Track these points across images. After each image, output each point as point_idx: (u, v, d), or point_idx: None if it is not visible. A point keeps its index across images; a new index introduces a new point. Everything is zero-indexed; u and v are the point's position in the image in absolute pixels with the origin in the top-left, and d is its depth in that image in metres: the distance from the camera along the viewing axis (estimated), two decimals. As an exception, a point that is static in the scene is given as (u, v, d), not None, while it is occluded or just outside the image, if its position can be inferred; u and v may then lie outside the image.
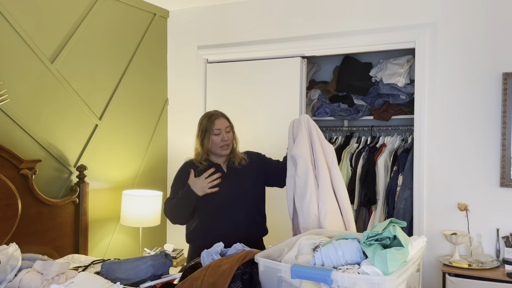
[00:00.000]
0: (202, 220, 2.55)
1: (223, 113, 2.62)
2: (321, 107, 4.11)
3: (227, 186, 2.51)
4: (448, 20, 3.18)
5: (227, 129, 2.57)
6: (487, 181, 3.07)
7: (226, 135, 2.55)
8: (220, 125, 2.54)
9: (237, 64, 3.93)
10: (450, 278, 2.88)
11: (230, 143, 2.58)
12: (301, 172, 2.32)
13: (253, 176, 2.59)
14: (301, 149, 2.35)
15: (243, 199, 2.54)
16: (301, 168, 2.33)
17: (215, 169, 2.52)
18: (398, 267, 1.56)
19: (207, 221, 2.53)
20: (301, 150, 2.34)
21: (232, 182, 2.55)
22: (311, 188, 2.30)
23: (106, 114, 3.57)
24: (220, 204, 2.51)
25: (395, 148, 3.66)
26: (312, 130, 2.42)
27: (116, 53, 3.67)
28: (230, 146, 2.58)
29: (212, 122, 2.54)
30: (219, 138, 2.53)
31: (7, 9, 2.87)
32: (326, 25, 3.57)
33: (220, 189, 2.48)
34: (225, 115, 2.62)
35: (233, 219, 2.50)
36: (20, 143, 2.94)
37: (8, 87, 2.87)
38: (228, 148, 2.57)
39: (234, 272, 1.75)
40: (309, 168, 2.32)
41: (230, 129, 2.59)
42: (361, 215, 3.65)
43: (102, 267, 2.23)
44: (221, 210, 2.51)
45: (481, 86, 3.09)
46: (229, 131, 2.58)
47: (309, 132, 2.41)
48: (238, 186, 2.54)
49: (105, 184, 3.58)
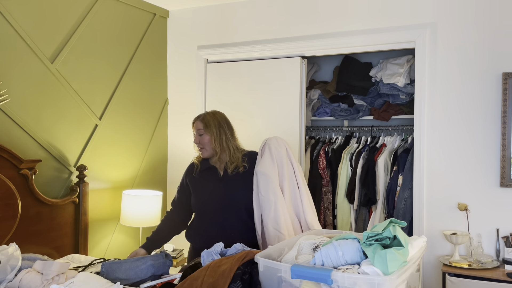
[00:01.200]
0: (195, 222, 2.61)
1: (202, 116, 2.58)
2: (321, 107, 4.11)
3: (220, 191, 2.52)
4: (448, 20, 3.18)
5: (199, 131, 2.54)
6: (487, 181, 3.07)
7: (197, 138, 2.55)
8: (194, 128, 2.57)
9: (237, 64, 3.92)
10: (450, 278, 2.88)
11: (206, 146, 2.53)
12: (263, 189, 2.38)
13: (249, 182, 2.49)
14: (263, 166, 2.41)
15: (235, 204, 2.51)
16: (262, 185, 2.39)
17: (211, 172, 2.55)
18: (398, 267, 1.56)
19: (199, 224, 2.57)
20: (264, 167, 2.41)
21: (225, 187, 2.53)
22: (275, 204, 2.36)
23: (106, 114, 3.57)
24: (211, 208, 2.52)
25: (395, 148, 3.66)
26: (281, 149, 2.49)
27: (116, 53, 3.67)
28: (206, 150, 2.54)
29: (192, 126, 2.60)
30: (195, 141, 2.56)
31: (7, 9, 2.87)
32: (326, 25, 3.57)
33: (213, 193, 2.51)
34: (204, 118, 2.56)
35: (223, 224, 2.49)
36: (20, 143, 2.94)
37: (8, 87, 2.87)
38: (204, 151, 2.54)
39: (234, 272, 1.75)
40: (271, 184, 2.38)
41: (203, 132, 2.54)
42: (361, 215, 3.65)
43: (102, 267, 2.23)
44: (211, 214, 2.52)
45: (481, 86, 3.09)
46: (202, 134, 2.54)
47: (276, 151, 2.47)
48: (231, 191, 2.51)
49: (105, 184, 3.58)
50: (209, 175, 2.57)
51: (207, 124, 2.54)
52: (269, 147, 2.48)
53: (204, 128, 2.53)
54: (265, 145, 2.50)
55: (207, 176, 2.57)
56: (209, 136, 2.53)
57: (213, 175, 2.56)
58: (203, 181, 2.57)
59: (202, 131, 2.53)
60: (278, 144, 2.49)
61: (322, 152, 3.86)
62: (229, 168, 2.53)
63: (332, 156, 3.82)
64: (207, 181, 2.56)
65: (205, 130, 2.53)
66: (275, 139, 2.52)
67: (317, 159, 3.86)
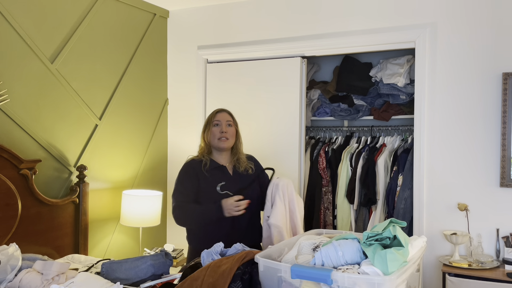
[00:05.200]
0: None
1: (227, 110, 2.66)
2: (321, 107, 4.11)
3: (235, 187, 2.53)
4: (448, 20, 3.18)
5: (228, 122, 2.58)
6: (487, 181, 3.07)
7: (225, 127, 2.56)
8: (221, 117, 2.58)
9: (237, 64, 3.92)
10: (450, 278, 2.88)
11: (230, 137, 2.57)
12: (275, 241, 2.41)
13: (256, 183, 2.61)
14: (276, 219, 2.44)
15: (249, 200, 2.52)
16: (276, 237, 2.43)
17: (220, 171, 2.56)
18: (398, 267, 1.56)
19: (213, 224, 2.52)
20: (276, 219, 2.44)
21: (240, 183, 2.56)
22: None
23: (106, 114, 3.57)
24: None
25: (395, 148, 3.66)
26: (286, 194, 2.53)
27: (116, 53, 3.67)
28: (229, 141, 2.56)
29: (213, 114, 2.61)
30: (218, 129, 2.55)
31: (7, 9, 2.87)
32: (326, 25, 3.57)
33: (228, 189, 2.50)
34: (230, 112, 2.66)
35: (235, 224, 2.51)
36: (20, 143, 2.94)
37: (8, 87, 2.87)
38: (226, 142, 2.55)
39: (234, 272, 1.75)
40: (283, 236, 2.43)
41: (232, 124, 2.60)
42: (361, 215, 3.65)
43: (102, 267, 2.23)
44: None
45: (481, 86, 3.09)
46: (231, 125, 2.59)
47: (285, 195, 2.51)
48: (243, 191, 2.52)
49: (105, 184, 3.58)
50: (219, 173, 2.56)
51: (234, 118, 2.64)
52: (282, 192, 2.50)
53: (233, 120, 2.63)
54: (278, 190, 2.51)
55: (218, 173, 2.56)
56: (234, 129, 2.62)
57: (224, 174, 2.57)
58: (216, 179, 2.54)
59: (231, 122, 2.61)
60: (287, 187, 2.53)
61: (322, 152, 3.86)
62: (240, 167, 2.60)
63: (332, 156, 3.82)
64: (220, 179, 2.54)
65: (233, 122, 2.62)
66: (285, 183, 2.53)
67: (317, 159, 3.86)
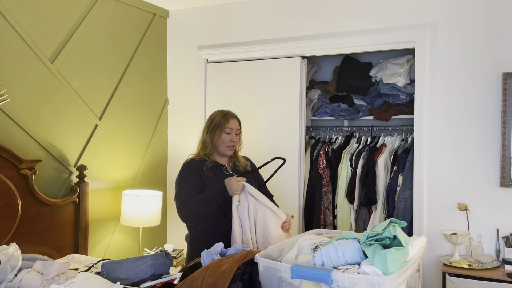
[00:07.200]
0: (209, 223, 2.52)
1: (236, 116, 2.70)
2: (321, 107, 4.11)
3: None
4: (448, 20, 3.18)
5: (237, 131, 2.66)
6: (487, 181, 3.07)
7: (235, 136, 2.64)
8: (233, 126, 2.63)
9: (237, 64, 3.92)
10: (450, 278, 2.88)
11: (236, 145, 2.68)
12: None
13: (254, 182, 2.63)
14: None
15: None
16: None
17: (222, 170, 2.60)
18: (398, 267, 1.56)
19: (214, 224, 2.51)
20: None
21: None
22: None
23: (106, 114, 3.57)
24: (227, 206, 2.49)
25: (395, 148, 3.66)
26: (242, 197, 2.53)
27: (116, 53, 3.67)
28: (234, 148, 2.67)
29: (226, 120, 2.62)
30: (228, 138, 2.61)
31: (7, 9, 2.87)
32: (326, 25, 3.57)
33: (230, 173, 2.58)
34: (239, 119, 2.70)
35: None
36: (20, 143, 2.94)
37: (8, 87, 2.87)
38: (232, 150, 2.66)
39: (234, 272, 1.75)
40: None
41: (239, 132, 2.68)
42: (361, 215, 3.65)
43: (102, 267, 2.23)
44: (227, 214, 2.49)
45: (481, 86, 3.09)
46: (239, 133, 2.67)
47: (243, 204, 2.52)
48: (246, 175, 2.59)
49: (105, 184, 3.58)
50: (221, 172, 2.61)
51: (241, 125, 2.70)
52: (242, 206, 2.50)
53: (240, 128, 2.69)
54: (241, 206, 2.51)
55: (220, 172, 2.61)
56: (240, 136, 2.69)
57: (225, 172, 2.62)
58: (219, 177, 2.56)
59: (239, 131, 2.67)
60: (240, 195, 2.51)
61: (322, 152, 3.86)
62: (240, 167, 2.68)
63: (332, 156, 3.82)
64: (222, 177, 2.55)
65: (240, 131, 2.68)
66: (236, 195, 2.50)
67: (317, 159, 3.86)
